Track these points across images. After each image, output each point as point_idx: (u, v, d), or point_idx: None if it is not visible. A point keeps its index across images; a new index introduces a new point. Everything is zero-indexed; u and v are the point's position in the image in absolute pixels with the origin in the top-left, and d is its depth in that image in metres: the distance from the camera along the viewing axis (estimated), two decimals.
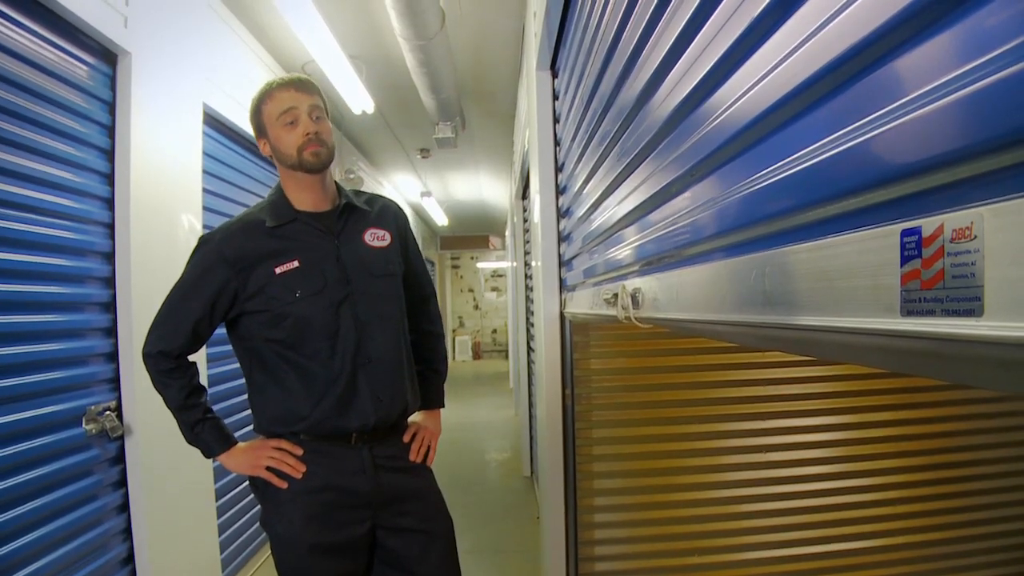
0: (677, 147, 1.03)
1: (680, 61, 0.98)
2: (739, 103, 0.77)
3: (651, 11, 1.11)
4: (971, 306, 0.40)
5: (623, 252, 1.48)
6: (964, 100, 0.41)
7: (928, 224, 0.44)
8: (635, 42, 1.21)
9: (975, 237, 0.39)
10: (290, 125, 1.68)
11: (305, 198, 1.75)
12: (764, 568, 2.45)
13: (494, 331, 16.54)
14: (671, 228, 1.08)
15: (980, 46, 0.39)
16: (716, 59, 0.83)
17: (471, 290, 16.63)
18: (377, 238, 1.81)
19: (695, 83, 0.91)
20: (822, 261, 0.59)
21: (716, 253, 0.91)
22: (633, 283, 1.34)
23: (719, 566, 2.46)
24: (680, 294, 1.05)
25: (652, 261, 1.25)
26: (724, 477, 2.47)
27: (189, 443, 1.72)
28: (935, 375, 0.48)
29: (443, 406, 2.03)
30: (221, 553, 3.06)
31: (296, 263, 1.68)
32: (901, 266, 0.46)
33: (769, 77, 0.69)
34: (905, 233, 0.46)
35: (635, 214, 1.35)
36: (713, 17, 0.84)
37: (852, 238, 0.55)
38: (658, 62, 1.07)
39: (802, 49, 0.62)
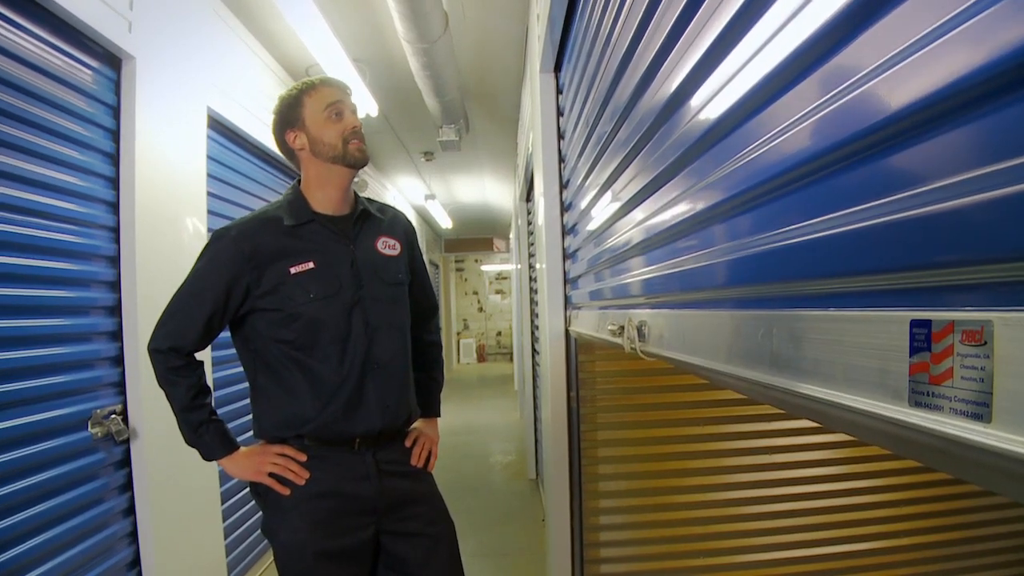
0: (688, 185, 1.00)
1: (708, 80, 0.92)
2: (763, 152, 0.73)
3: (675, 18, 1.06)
4: (979, 411, 0.39)
5: (629, 282, 1.46)
6: (984, 202, 0.40)
7: (938, 320, 0.43)
8: (655, 52, 1.16)
9: (985, 343, 0.39)
10: (336, 117, 1.70)
11: (326, 198, 1.75)
12: (771, 570, 2.44)
13: (499, 333, 16.53)
14: (680, 268, 1.06)
15: (1008, 150, 0.38)
16: (738, 97, 0.79)
17: (475, 293, 16.63)
18: (389, 247, 1.82)
19: (718, 115, 0.86)
20: (831, 333, 0.57)
21: (723, 303, 0.90)
22: (639, 315, 1.32)
23: (725, 567, 2.45)
24: (686, 336, 1.03)
25: (659, 296, 1.23)
26: (730, 479, 2.46)
27: (189, 444, 1.70)
28: (943, 469, 0.48)
29: (440, 415, 2.04)
30: (227, 556, 3.07)
31: (311, 264, 1.67)
32: (910, 356, 0.45)
33: (792, 132, 0.66)
34: (915, 324, 0.45)
35: (643, 246, 1.32)
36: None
37: (862, 316, 0.53)
38: (678, 82, 1.02)
39: (816, 116, 0.60)
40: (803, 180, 0.64)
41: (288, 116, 1.74)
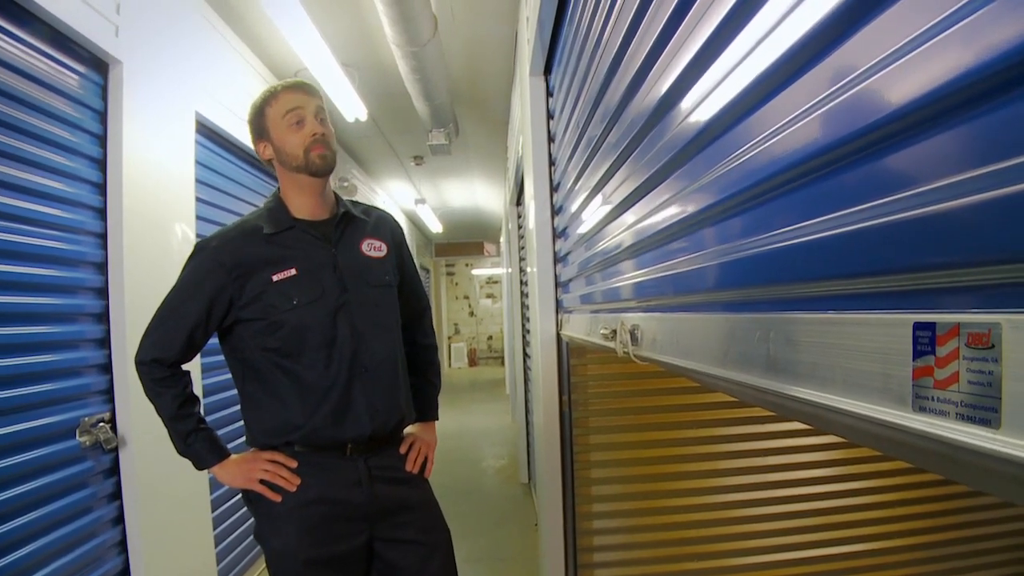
0: (682, 187, 0.99)
1: (699, 82, 0.91)
2: (759, 152, 0.72)
3: (663, 22, 1.08)
4: (987, 416, 0.38)
5: (622, 285, 1.45)
6: (991, 201, 0.38)
7: (943, 323, 0.42)
8: (645, 54, 1.15)
9: (992, 346, 0.38)
10: (296, 125, 1.67)
11: (304, 204, 1.73)
12: (766, 572, 2.44)
13: (490, 338, 16.51)
14: (673, 271, 1.05)
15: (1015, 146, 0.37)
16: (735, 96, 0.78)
17: (466, 297, 16.61)
18: (374, 248, 1.80)
19: (710, 116, 0.85)
20: (830, 336, 0.56)
21: (719, 306, 0.89)
22: (631, 319, 1.31)
23: (720, 571, 2.44)
24: (680, 339, 1.01)
25: (651, 300, 1.22)
26: (723, 482, 2.45)
27: (180, 454, 1.69)
28: (949, 476, 0.46)
29: (437, 418, 2.02)
30: (218, 564, 3.04)
31: (293, 271, 1.66)
32: (913, 360, 0.44)
33: (787, 132, 0.65)
34: (918, 327, 0.44)
35: (635, 249, 1.31)
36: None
37: (862, 319, 0.52)
38: (669, 84, 1.02)
39: (813, 115, 0.59)
40: (801, 180, 0.63)
41: (255, 128, 1.73)
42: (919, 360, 0.44)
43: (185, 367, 1.71)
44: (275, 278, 1.65)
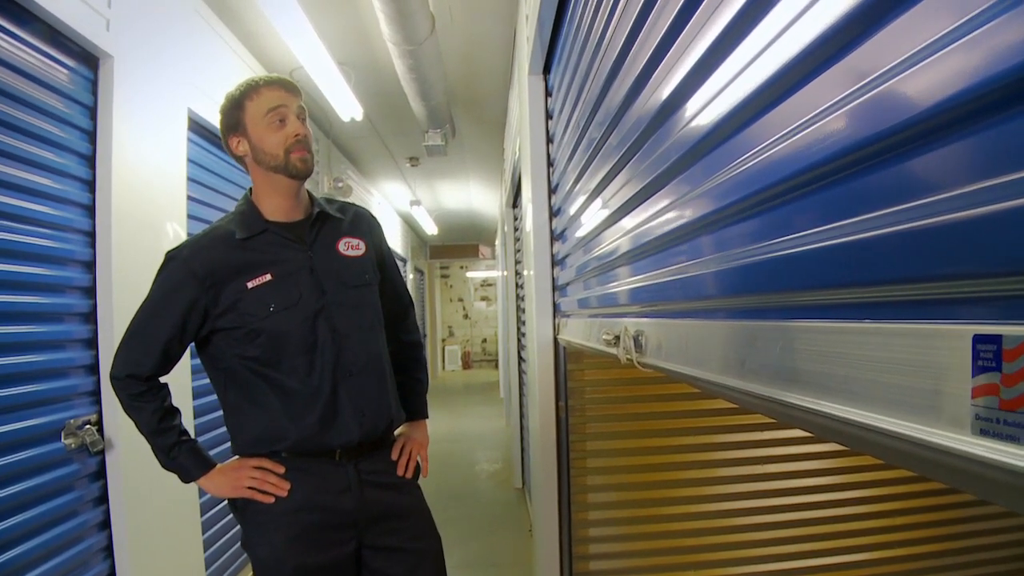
0: (694, 188, 0.93)
1: (707, 82, 0.86)
2: (784, 146, 0.66)
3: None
4: None
5: (624, 290, 1.41)
6: None
7: (1011, 335, 0.37)
8: (648, 55, 1.11)
9: None
10: (278, 124, 1.61)
11: (278, 206, 1.68)
12: None
13: (484, 340, 16.48)
14: (680, 276, 1.00)
15: None
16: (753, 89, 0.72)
17: (460, 299, 16.59)
18: (351, 247, 1.75)
19: (727, 111, 0.80)
20: (868, 347, 0.51)
21: (736, 312, 0.83)
22: (636, 325, 1.26)
23: None
24: (689, 347, 0.96)
25: (657, 305, 1.18)
26: (722, 490, 2.42)
27: (165, 468, 1.65)
28: (1019, 509, 0.41)
29: (427, 416, 1.98)
30: (206, 570, 2.99)
31: (269, 276, 1.61)
32: (973, 376, 0.39)
33: (820, 121, 0.59)
34: (978, 339, 0.39)
35: (637, 253, 1.27)
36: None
37: (908, 329, 0.47)
38: (676, 83, 0.97)
39: (851, 103, 0.54)
40: (840, 174, 0.57)
41: (230, 120, 1.66)
42: (980, 377, 0.39)
43: (168, 375, 1.67)
44: (250, 285, 1.60)
